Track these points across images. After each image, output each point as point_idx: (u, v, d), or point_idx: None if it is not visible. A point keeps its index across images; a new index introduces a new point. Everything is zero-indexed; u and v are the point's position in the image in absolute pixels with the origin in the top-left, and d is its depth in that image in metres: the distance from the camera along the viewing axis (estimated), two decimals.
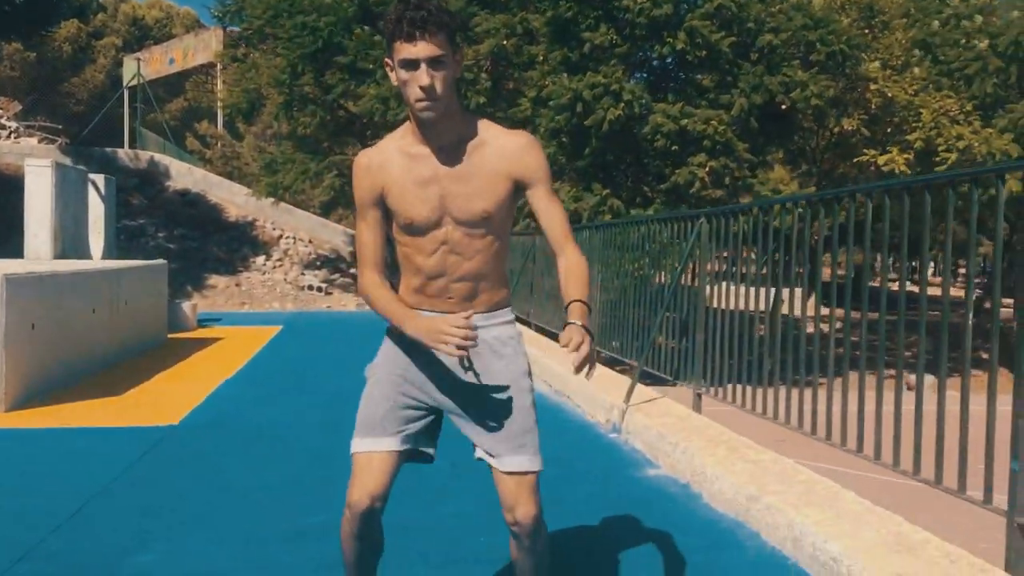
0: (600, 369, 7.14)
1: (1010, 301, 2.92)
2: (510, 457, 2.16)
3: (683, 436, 4.48)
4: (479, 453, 2.22)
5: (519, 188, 2.14)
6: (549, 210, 2.16)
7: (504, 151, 2.11)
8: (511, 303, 2.32)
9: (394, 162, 2.12)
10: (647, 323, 6.34)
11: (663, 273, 6.48)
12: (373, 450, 2.17)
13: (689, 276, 5.69)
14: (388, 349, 2.26)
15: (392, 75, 2.06)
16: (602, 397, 5.76)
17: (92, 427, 5.37)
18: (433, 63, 1.97)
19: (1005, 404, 2.72)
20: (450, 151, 2.09)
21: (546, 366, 7.19)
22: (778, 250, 4.52)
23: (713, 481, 3.85)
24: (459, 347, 1.95)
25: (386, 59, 2.07)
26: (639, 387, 5.55)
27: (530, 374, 2.25)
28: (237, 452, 4.83)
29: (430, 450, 2.27)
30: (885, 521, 3.06)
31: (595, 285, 8.05)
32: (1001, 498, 2.81)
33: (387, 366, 2.24)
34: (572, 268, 2.17)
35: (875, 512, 3.16)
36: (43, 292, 6.30)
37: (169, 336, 10.61)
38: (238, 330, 12.40)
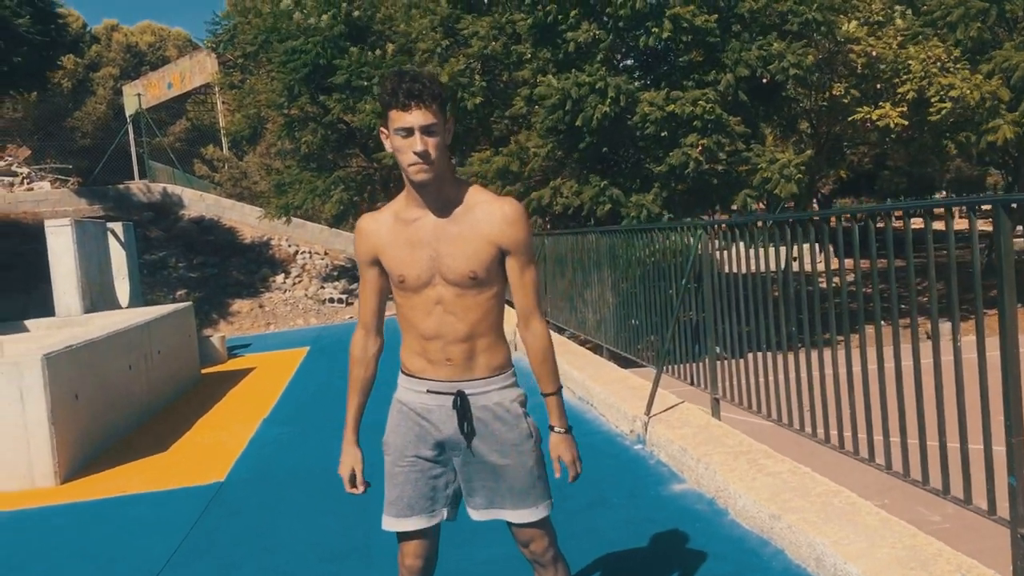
0: (617, 372, 7.34)
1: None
2: (514, 511, 2.38)
3: (705, 449, 4.68)
4: (478, 515, 2.41)
5: (503, 253, 2.29)
6: (521, 280, 2.33)
7: (492, 218, 2.26)
8: (512, 364, 2.43)
9: (389, 226, 2.30)
10: (660, 328, 6.51)
11: (671, 278, 6.63)
12: (408, 529, 2.40)
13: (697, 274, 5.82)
14: (397, 418, 2.41)
15: (387, 143, 2.23)
16: (624, 407, 5.95)
17: (145, 492, 5.63)
18: (426, 130, 2.14)
19: None
20: (441, 214, 2.25)
21: (566, 372, 7.38)
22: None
23: (737, 498, 4.05)
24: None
25: (382, 128, 2.25)
26: (658, 391, 5.74)
27: (534, 434, 2.40)
28: (285, 507, 5.07)
29: (466, 500, 2.44)
30: (900, 534, 3.24)
31: (604, 287, 8.23)
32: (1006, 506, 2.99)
33: (400, 438, 2.39)
34: (539, 351, 2.40)
35: (889, 525, 3.34)
36: (82, 362, 6.57)
37: (202, 372, 10.92)
38: (267, 356, 12.71)
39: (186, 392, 9.60)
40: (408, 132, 2.13)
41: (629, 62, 15.49)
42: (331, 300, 19.96)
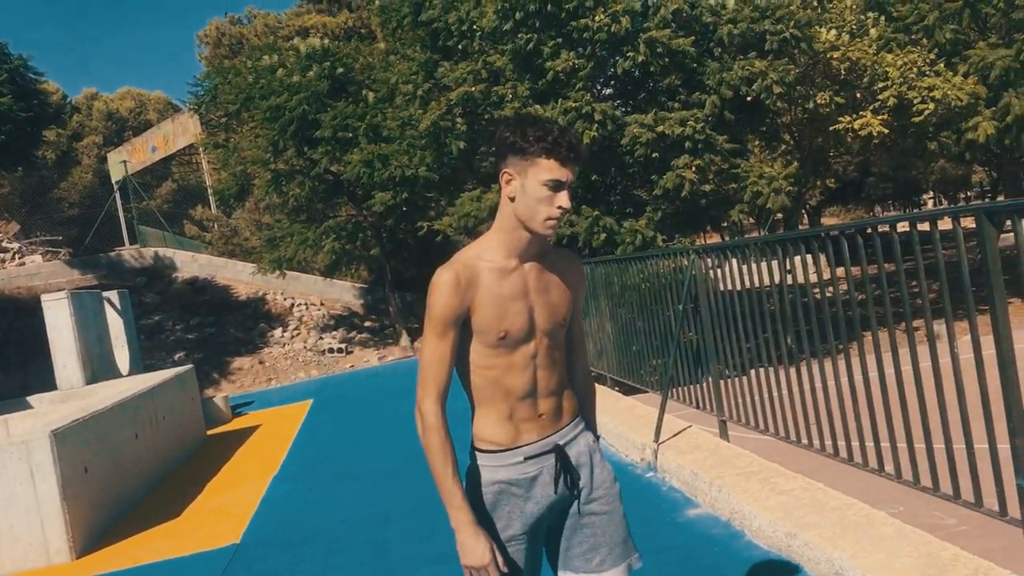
0: (622, 400, 7.38)
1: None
2: (618, 567, 2.26)
3: (717, 472, 4.71)
4: None
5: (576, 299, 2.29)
6: (577, 319, 2.34)
7: (570, 264, 2.28)
8: None
9: (484, 278, 2.11)
10: (661, 352, 6.56)
11: (668, 302, 6.69)
12: None
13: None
14: (492, 501, 2.19)
15: (511, 186, 2.09)
16: (632, 436, 5.98)
17: (161, 561, 5.62)
18: (570, 187, 2.10)
19: None
20: (533, 265, 2.18)
21: None
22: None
23: (752, 519, 4.07)
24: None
25: (507, 170, 2.09)
26: (665, 417, 5.77)
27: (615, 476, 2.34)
28: (305, 566, 5.07)
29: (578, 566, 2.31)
30: (915, 543, 3.27)
31: (603, 316, 8.28)
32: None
33: (502, 521, 2.19)
34: (594, 396, 2.46)
35: (904, 534, 3.37)
36: (89, 435, 6.58)
37: (208, 433, 10.90)
38: (271, 412, 12.69)
39: (194, 455, 9.59)
40: (559, 186, 2.06)
41: (608, 91, 15.70)
42: (331, 350, 19.97)
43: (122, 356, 11.93)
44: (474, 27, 13.90)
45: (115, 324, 11.86)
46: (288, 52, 17.95)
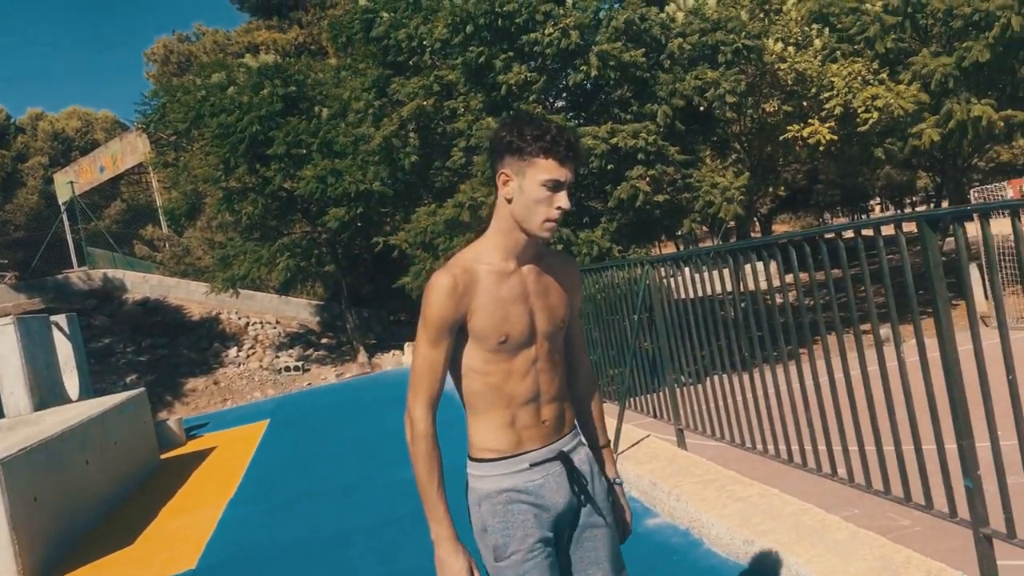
0: None
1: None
2: None
3: (675, 481, 4.74)
4: None
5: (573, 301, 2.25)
6: (576, 323, 2.29)
7: (565, 267, 2.23)
8: None
9: (483, 281, 2.05)
10: (618, 364, 6.59)
11: (624, 312, 6.73)
12: None
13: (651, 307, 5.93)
14: (503, 511, 2.09)
15: (508, 187, 2.03)
16: None
17: None
18: (569, 188, 2.04)
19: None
20: (531, 267, 2.12)
21: None
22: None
23: (710, 527, 4.10)
24: None
25: (503, 171, 2.04)
26: (623, 427, 5.80)
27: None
28: None
29: None
30: (869, 546, 3.32)
31: None
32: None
33: (519, 530, 2.08)
34: (599, 398, 2.41)
35: (859, 538, 3.42)
36: (38, 463, 6.42)
37: (162, 457, 10.69)
38: (227, 434, 12.48)
39: (147, 480, 9.40)
40: (557, 186, 2.01)
41: (561, 103, 15.82)
42: (287, 368, 19.76)
43: (71, 381, 11.67)
44: (424, 42, 13.92)
45: (64, 349, 11.60)
46: (239, 69, 17.80)
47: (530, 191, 1.99)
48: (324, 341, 21.62)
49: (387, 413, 11.18)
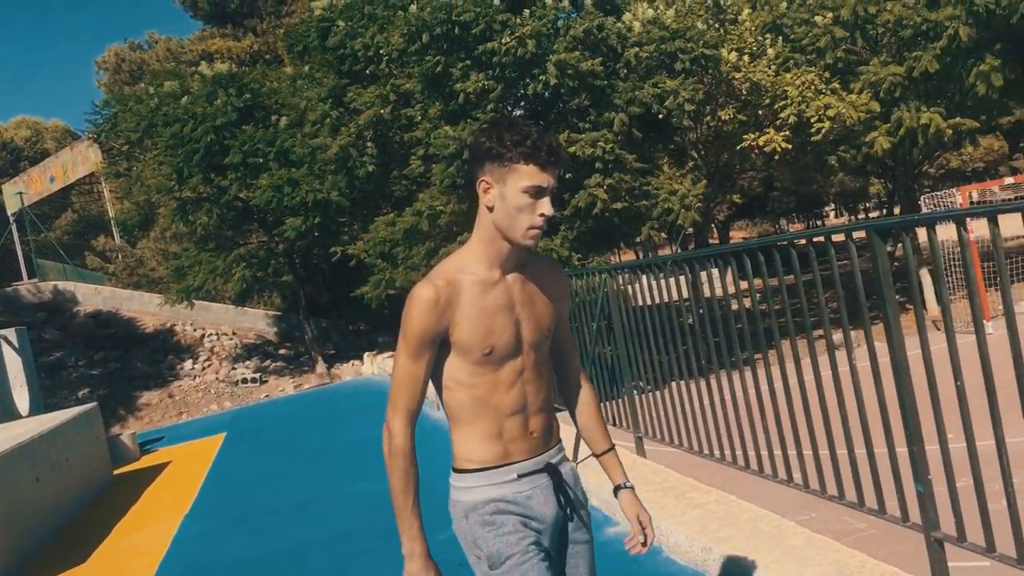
0: None
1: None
2: None
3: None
4: None
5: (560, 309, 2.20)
6: (563, 326, 2.24)
7: (552, 274, 2.17)
8: None
9: (467, 292, 1.99)
10: None
11: (583, 320, 6.75)
12: None
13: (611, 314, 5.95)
14: (493, 520, 2.04)
15: (490, 195, 1.98)
16: None
17: None
18: (552, 194, 1.98)
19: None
20: (516, 276, 2.07)
21: None
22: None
23: (669, 535, 4.12)
24: None
25: (484, 179, 1.98)
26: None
27: None
28: None
29: None
30: (824, 551, 3.36)
31: None
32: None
33: (512, 535, 2.03)
34: (596, 403, 2.35)
35: (814, 543, 3.46)
36: None
37: (115, 473, 10.49)
38: (182, 448, 12.29)
39: (100, 496, 9.20)
40: (540, 192, 1.94)
41: (519, 112, 15.86)
42: (244, 380, 19.52)
43: (21, 397, 11.41)
44: (380, 51, 13.88)
45: (13, 363, 11.35)
46: (193, 77, 17.59)
47: (512, 198, 1.94)
48: (282, 352, 21.40)
49: (346, 425, 11.09)
